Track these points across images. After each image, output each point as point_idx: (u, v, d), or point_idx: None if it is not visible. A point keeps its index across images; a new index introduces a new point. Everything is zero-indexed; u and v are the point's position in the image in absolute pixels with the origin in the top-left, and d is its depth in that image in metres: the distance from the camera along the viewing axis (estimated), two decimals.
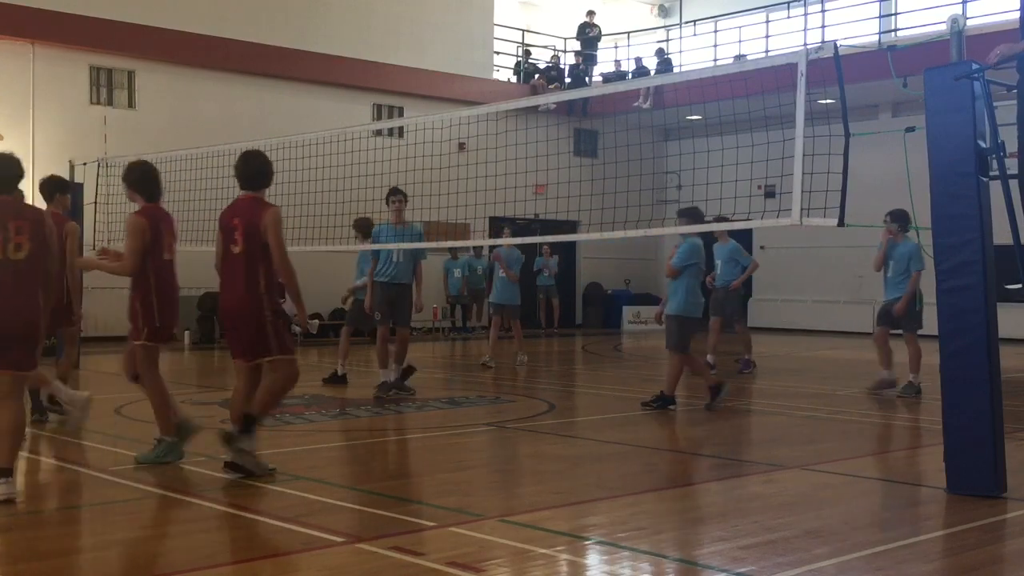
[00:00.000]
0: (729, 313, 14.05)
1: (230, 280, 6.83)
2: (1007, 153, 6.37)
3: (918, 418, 9.66)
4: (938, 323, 6.31)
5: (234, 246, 6.78)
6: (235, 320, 6.86)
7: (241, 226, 6.78)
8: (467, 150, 13.57)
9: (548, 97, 15.03)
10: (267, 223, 6.75)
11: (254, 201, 6.92)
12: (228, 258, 6.84)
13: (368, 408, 10.12)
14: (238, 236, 6.78)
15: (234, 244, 6.78)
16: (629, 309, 25.15)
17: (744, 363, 14.10)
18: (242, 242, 6.75)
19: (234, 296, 6.80)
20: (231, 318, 6.89)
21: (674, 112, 21.75)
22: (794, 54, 7.52)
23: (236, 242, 6.77)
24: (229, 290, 6.84)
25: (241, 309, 6.78)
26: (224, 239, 6.88)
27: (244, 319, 6.79)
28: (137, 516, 5.82)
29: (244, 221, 6.78)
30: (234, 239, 6.79)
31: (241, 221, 6.79)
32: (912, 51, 9.49)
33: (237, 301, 6.78)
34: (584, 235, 19.94)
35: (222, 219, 6.98)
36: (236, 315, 6.82)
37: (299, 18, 21.18)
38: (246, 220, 6.78)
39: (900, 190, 8.06)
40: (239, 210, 6.89)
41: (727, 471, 7.33)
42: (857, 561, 4.88)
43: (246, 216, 6.79)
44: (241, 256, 6.75)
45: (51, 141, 18.11)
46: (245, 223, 6.77)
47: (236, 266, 6.78)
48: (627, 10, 27.63)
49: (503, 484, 6.82)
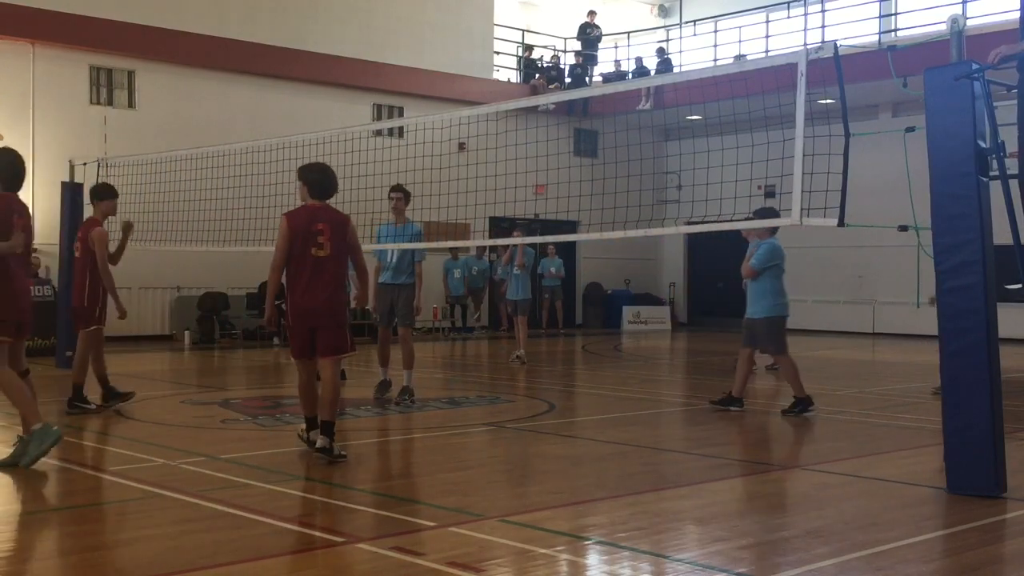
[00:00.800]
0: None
1: (316, 281, 7.28)
2: (1007, 153, 6.37)
3: (918, 418, 9.66)
4: (938, 323, 6.32)
5: (319, 250, 7.27)
6: (322, 319, 7.32)
7: (328, 231, 7.30)
8: (467, 150, 13.57)
9: (548, 97, 15.03)
10: (352, 229, 7.48)
11: (332, 208, 7.52)
12: (309, 260, 7.27)
13: (368, 408, 10.12)
14: (324, 240, 7.28)
15: (319, 248, 7.27)
16: (629, 309, 25.16)
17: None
18: (330, 246, 7.28)
19: (323, 296, 7.27)
20: (318, 316, 7.32)
21: (674, 112, 21.76)
22: (794, 54, 7.53)
23: (323, 246, 7.27)
24: (316, 291, 7.28)
25: (331, 308, 7.31)
26: (304, 242, 7.27)
27: (333, 318, 7.33)
28: (137, 516, 5.82)
29: (331, 226, 7.33)
30: (319, 243, 7.27)
31: (328, 226, 7.31)
32: (912, 51, 9.49)
33: (327, 301, 7.28)
34: (584, 235, 19.95)
35: (300, 223, 7.33)
36: (325, 314, 7.31)
37: (299, 18, 21.18)
38: (333, 225, 7.34)
39: (900, 190, 8.07)
40: (322, 216, 7.37)
41: (727, 471, 7.33)
42: (857, 561, 4.88)
43: (333, 222, 7.37)
44: (329, 259, 7.30)
45: (51, 141, 18.11)
46: (332, 228, 7.33)
47: (324, 268, 7.29)
48: (627, 10, 27.63)
49: (503, 484, 6.82)
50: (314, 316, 7.31)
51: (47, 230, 16.91)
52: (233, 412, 9.77)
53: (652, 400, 11.68)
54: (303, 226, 7.30)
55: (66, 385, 11.45)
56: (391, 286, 10.57)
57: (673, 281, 27.29)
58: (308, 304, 7.29)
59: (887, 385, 12.69)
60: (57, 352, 14.32)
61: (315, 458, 7.25)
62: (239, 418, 9.45)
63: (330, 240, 7.28)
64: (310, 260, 7.25)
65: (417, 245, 10.55)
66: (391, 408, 10.11)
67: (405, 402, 10.32)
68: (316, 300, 7.26)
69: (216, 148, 13.30)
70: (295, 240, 7.27)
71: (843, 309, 23.37)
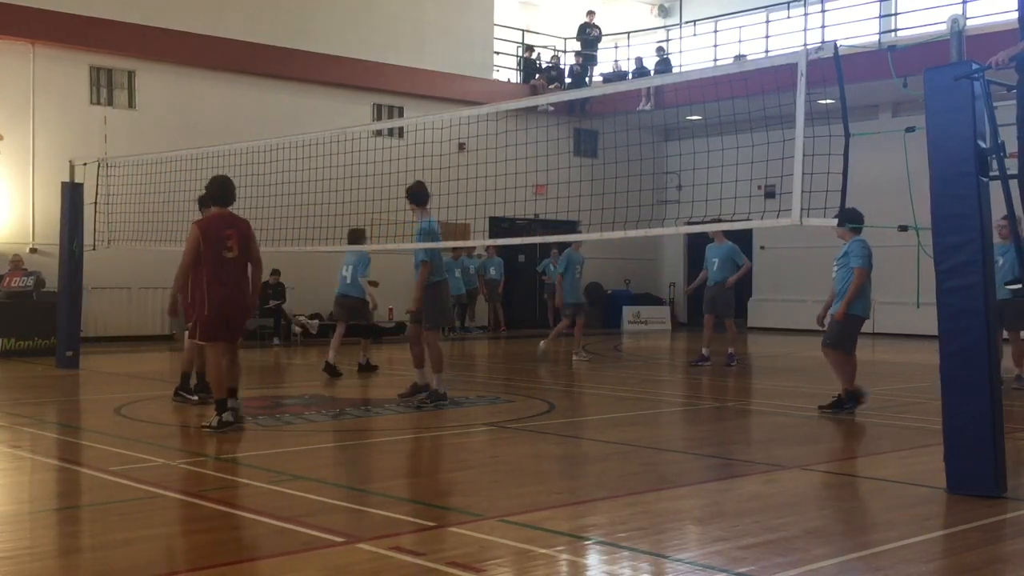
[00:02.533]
0: (721, 310, 14.44)
1: (228, 279, 8.53)
2: (1007, 153, 6.37)
3: (918, 418, 9.65)
4: (938, 323, 6.32)
5: (228, 252, 8.51)
6: (235, 310, 8.61)
7: (235, 235, 8.53)
8: (467, 150, 13.56)
9: (548, 97, 15.03)
10: (252, 233, 8.77)
11: (236, 216, 8.76)
12: (220, 261, 8.46)
13: (368, 408, 10.11)
14: (232, 244, 8.50)
15: (228, 251, 8.50)
16: (629, 309, 25.15)
17: (729, 356, 14.72)
18: (237, 248, 8.52)
19: (236, 291, 8.58)
20: (232, 308, 8.57)
21: (674, 112, 21.76)
22: (794, 54, 7.52)
23: (231, 248, 8.51)
24: (229, 287, 8.52)
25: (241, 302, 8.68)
26: (215, 246, 8.45)
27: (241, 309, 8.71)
28: (137, 516, 5.82)
29: (237, 231, 8.56)
30: (228, 246, 8.49)
31: (234, 232, 8.54)
32: (912, 51, 9.48)
33: (239, 295, 8.61)
34: (584, 235, 19.93)
35: (211, 230, 8.49)
36: (238, 306, 8.64)
37: (299, 18, 21.18)
38: (239, 230, 8.58)
39: (900, 190, 8.06)
40: (229, 222, 8.61)
41: (727, 471, 7.33)
42: (857, 561, 4.88)
43: (239, 227, 8.61)
44: (237, 259, 8.57)
45: (51, 141, 18.12)
46: (238, 233, 8.57)
47: (233, 267, 8.56)
48: (627, 10, 27.63)
49: (503, 484, 6.81)
50: (229, 307, 8.51)
51: (47, 230, 16.93)
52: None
53: (652, 400, 11.68)
54: (213, 232, 8.48)
55: (67, 384, 11.47)
56: None
57: (673, 281, 27.29)
58: (225, 297, 8.46)
59: (887, 385, 12.68)
60: (57, 352, 14.32)
61: (316, 459, 7.23)
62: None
63: (237, 243, 8.51)
64: (221, 261, 8.47)
65: (410, 246, 10.22)
66: (392, 408, 10.10)
67: (429, 406, 10.02)
68: (230, 294, 8.50)
69: (216, 148, 13.28)
70: (207, 245, 8.41)
71: None
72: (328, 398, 10.92)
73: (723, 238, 14.55)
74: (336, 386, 12.10)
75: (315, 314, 20.27)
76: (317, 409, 10.02)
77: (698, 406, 10.58)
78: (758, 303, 23.96)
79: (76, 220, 14.23)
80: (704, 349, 14.73)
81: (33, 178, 18.12)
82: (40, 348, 15.44)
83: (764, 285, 23.72)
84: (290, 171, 13.57)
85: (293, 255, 16.87)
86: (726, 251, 14.44)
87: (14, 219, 18.09)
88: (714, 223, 12.08)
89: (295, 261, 18.67)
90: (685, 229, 10.15)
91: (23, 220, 18.14)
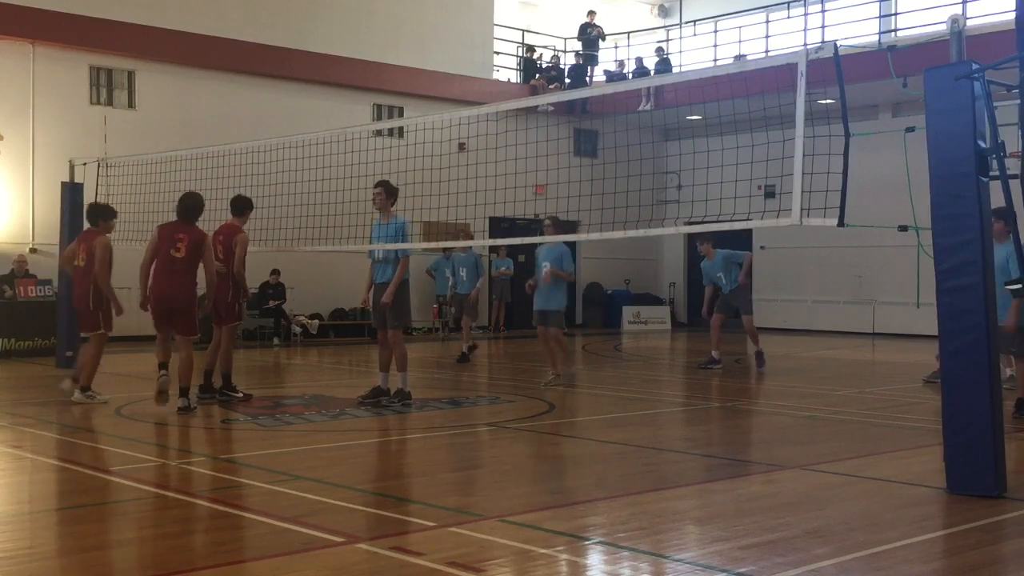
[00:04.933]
0: (743, 307, 14.20)
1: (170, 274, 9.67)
2: (1007, 153, 6.37)
3: (918, 418, 9.66)
4: (938, 323, 6.32)
5: (176, 252, 9.63)
6: (176, 304, 9.66)
7: (186, 239, 9.63)
8: (467, 150, 13.56)
9: (548, 97, 15.02)
10: (208, 245, 9.84)
11: (195, 227, 9.85)
12: (167, 259, 9.64)
13: (368, 408, 10.11)
14: (182, 245, 9.64)
15: (177, 251, 9.64)
16: (629, 309, 25.15)
17: (758, 358, 14.27)
18: (185, 250, 9.61)
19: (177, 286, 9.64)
20: (172, 301, 9.67)
21: (674, 112, 21.76)
22: (794, 54, 7.52)
23: (180, 249, 9.64)
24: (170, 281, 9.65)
25: (183, 296, 9.75)
26: (166, 246, 9.62)
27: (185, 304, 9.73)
28: (137, 516, 5.82)
29: (188, 236, 9.71)
30: (177, 247, 9.65)
31: (186, 236, 9.70)
32: (912, 51, 9.48)
33: (180, 290, 9.67)
34: (584, 235, 19.94)
35: (165, 233, 9.76)
36: (179, 300, 9.70)
37: (299, 18, 21.17)
38: (190, 236, 9.71)
39: (900, 190, 8.06)
40: (183, 229, 9.73)
41: (727, 471, 7.33)
42: (857, 561, 4.88)
43: (191, 234, 9.72)
44: (183, 260, 9.64)
45: (51, 141, 18.11)
46: (189, 237, 9.70)
47: (177, 265, 9.66)
48: (627, 10, 27.62)
49: (503, 484, 6.82)
50: (168, 300, 9.59)
51: (47, 230, 16.93)
52: (233, 412, 9.77)
53: (652, 400, 11.68)
54: (167, 235, 9.71)
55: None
56: (379, 285, 10.28)
57: (673, 281, 27.30)
58: (164, 292, 9.60)
59: (887, 385, 12.69)
60: (57, 352, 14.32)
61: (316, 459, 7.23)
62: (239, 418, 9.45)
63: (186, 246, 9.56)
64: (168, 259, 9.58)
65: (404, 245, 10.19)
66: (390, 409, 10.09)
67: (398, 405, 10.10)
68: (171, 289, 9.57)
69: (216, 148, 13.29)
70: (160, 244, 9.64)
71: (843, 309, 23.36)
72: (328, 398, 10.92)
73: (712, 251, 14.20)
74: (336, 386, 12.08)
75: (315, 314, 20.28)
76: (317, 409, 10.02)
77: (698, 406, 10.58)
78: (758, 303, 23.75)
79: (76, 220, 14.21)
80: (714, 351, 14.26)
81: (33, 178, 18.12)
82: (40, 348, 15.44)
83: (764, 285, 23.69)
84: (290, 171, 13.58)
85: (293, 255, 16.87)
86: (724, 260, 14.20)
87: (14, 219, 18.09)
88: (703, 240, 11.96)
89: (295, 261, 18.67)
90: (685, 229, 10.16)
91: (23, 220, 18.14)
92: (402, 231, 10.24)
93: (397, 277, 10.13)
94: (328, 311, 20.84)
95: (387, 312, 10.20)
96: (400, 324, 10.30)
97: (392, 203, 10.39)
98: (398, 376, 10.31)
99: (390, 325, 10.24)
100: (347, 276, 19.05)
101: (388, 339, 10.29)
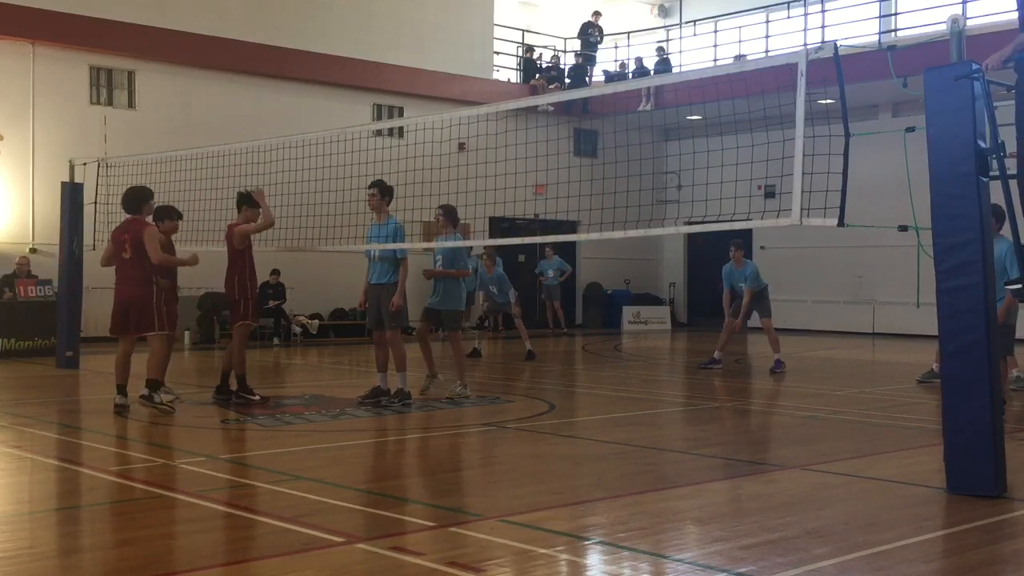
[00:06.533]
0: (762, 310, 14.24)
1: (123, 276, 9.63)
2: (1007, 153, 6.37)
3: (918, 418, 9.66)
4: (938, 323, 6.32)
5: (124, 253, 9.56)
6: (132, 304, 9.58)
7: (129, 239, 9.56)
8: (467, 150, 13.56)
9: (548, 97, 15.01)
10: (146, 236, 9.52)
11: (138, 221, 9.67)
12: (119, 261, 9.62)
13: (368, 408, 10.11)
14: (127, 247, 9.52)
15: (124, 252, 9.56)
16: (629, 309, 25.14)
17: (776, 363, 14.21)
18: (131, 250, 9.52)
19: (131, 287, 9.56)
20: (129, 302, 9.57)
21: (674, 112, 21.76)
22: (794, 54, 7.52)
23: (126, 251, 9.55)
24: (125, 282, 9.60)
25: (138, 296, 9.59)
26: (117, 248, 9.62)
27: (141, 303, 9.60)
28: (137, 516, 5.82)
29: (131, 235, 9.57)
30: (124, 249, 9.54)
31: (129, 235, 9.55)
32: (912, 51, 9.50)
33: (135, 291, 9.55)
34: (584, 235, 19.94)
35: (115, 234, 9.78)
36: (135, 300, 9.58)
37: (299, 18, 21.17)
38: (132, 234, 9.55)
39: (900, 190, 8.06)
40: (126, 228, 9.67)
41: (727, 471, 7.33)
42: (857, 561, 4.88)
43: (133, 232, 9.56)
44: (130, 261, 9.54)
45: (51, 141, 18.12)
46: (131, 236, 9.55)
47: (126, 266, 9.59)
48: (627, 10, 27.62)
49: (503, 484, 6.82)
50: (125, 304, 9.53)
51: (47, 230, 16.93)
52: (233, 412, 9.77)
53: (652, 400, 11.68)
54: (117, 236, 9.72)
55: (67, 384, 11.44)
56: (375, 286, 10.30)
57: (673, 281, 27.30)
58: (120, 296, 9.57)
59: (887, 385, 12.69)
60: (57, 352, 14.33)
61: (316, 459, 7.22)
62: (239, 418, 9.45)
63: (131, 246, 9.49)
64: (120, 263, 9.62)
65: (397, 245, 10.19)
66: (390, 409, 10.09)
67: (397, 405, 10.11)
68: (126, 290, 9.54)
69: (216, 148, 13.29)
70: (114, 250, 9.67)
71: (843, 309, 23.36)
72: (328, 398, 10.92)
73: (743, 260, 14.28)
74: (336, 386, 12.08)
75: (315, 314, 20.28)
76: (317, 409, 10.02)
77: (698, 406, 10.57)
78: None
79: (76, 220, 14.23)
80: (716, 352, 14.31)
81: (33, 178, 18.13)
82: (40, 348, 15.45)
83: None
84: (290, 171, 13.57)
85: (293, 255, 16.87)
86: (753, 272, 14.23)
87: (14, 219, 18.10)
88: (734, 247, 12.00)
89: (295, 261, 18.66)
90: (685, 229, 10.15)
91: (23, 220, 18.15)
92: (398, 232, 10.28)
93: (401, 280, 10.19)
94: (328, 311, 20.84)
95: (383, 313, 10.20)
96: (397, 325, 10.30)
97: (388, 203, 10.44)
98: (397, 376, 10.31)
99: (387, 326, 10.26)
100: (347, 276, 19.02)
101: (385, 339, 10.31)
